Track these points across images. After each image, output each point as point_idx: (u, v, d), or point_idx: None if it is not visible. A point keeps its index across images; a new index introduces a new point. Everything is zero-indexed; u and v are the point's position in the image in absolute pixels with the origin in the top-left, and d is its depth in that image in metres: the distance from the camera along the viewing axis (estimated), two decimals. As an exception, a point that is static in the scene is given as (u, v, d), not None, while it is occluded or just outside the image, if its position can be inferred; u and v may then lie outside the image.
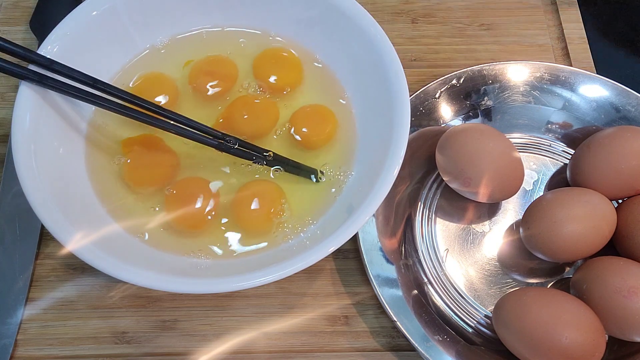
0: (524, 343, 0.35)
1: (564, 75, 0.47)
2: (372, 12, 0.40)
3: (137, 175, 0.38)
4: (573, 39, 0.52)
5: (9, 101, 0.48)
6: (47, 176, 0.34)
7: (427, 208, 0.44)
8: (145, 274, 0.32)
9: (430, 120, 0.46)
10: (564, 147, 0.46)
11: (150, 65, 0.42)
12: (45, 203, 0.33)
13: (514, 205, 0.44)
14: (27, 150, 0.34)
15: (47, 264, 0.41)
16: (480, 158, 0.40)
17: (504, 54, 0.52)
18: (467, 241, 0.43)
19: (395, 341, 0.40)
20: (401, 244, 0.42)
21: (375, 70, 0.39)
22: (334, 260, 0.42)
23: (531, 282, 0.42)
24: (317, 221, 0.38)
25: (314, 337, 0.40)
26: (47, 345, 0.39)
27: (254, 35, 0.44)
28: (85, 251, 0.32)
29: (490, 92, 0.47)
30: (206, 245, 0.37)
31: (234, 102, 0.41)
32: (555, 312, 0.35)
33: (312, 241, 0.35)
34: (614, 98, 0.46)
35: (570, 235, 0.38)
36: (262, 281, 0.32)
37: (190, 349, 0.39)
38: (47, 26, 0.38)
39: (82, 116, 0.39)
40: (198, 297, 0.41)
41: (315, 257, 0.32)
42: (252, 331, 0.40)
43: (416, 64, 0.51)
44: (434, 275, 0.42)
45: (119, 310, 0.40)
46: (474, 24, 0.53)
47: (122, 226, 0.37)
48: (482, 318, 0.40)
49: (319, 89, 0.43)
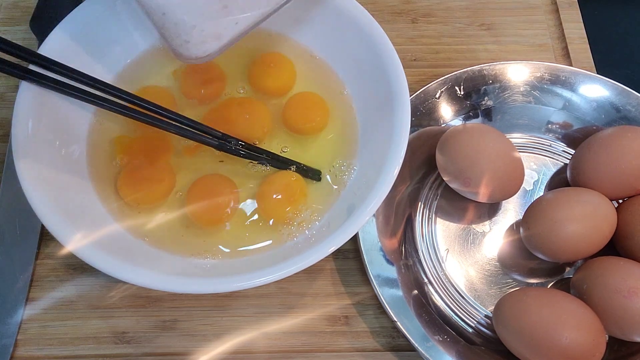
0: (524, 343, 0.35)
1: (564, 75, 0.47)
2: (372, 12, 0.40)
3: (131, 194, 0.38)
4: (573, 39, 0.52)
5: (9, 101, 0.48)
6: (47, 176, 0.34)
7: (427, 208, 0.44)
8: (145, 274, 0.32)
9: (430, 120, 0.46)
10: (564, 147, 0.46)
11: (150, 66, 0.42)
12: (45, 203, 0.33)
13: (514, 205, 0.44)
14: (27, 150, 0.34)
15: (47, 264, 0.41)
16: (480, 158, 0.40)
17: (504, 54, 0.52)
18: (467, 241, 0.43)
19: (395, 341, 0.40)
20: (401, 244, 0.42)
21: (375, 70, 0.39)
22: (334, 260, 0.42)
23: (531, 282, 0.42)
24: (322, 217, 0.38)
25: (314, 337, 0.40)
26: (47, 345, 0.39)
27: (253, 33, 0.44)
28: (85, 251, 0.32)
29: (490, 92, 0.47)
30: (211, 245, 0.37)
31: (219, 106, 0.41)
32: (555, 312, 0.35)
33: (317, 238, 0.35)
34: (614, 98, 0.46)
35: (570, 235, 0.38)
36: (262, 281, 0.32)
37: (190, 349, 0.39)
38: (47, 26, 0.38)
39: (83, 116, 0.39)
40: (198, 297, 0.41)
41: (315, 257, 0.32)
42: (252, 331, 0.40)
43: (416, 64, 0.51)
44: (434, 275, 0.42)
45: (119, 310, 0.40)
46: (474, 24, 0.53)
47: (123, 226, 0.37)
48: (482, 318, 0.40)
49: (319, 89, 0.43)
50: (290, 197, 0.38)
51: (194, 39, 0.32)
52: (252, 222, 0.38)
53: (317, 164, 0.40)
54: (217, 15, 0.32)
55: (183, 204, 0.38)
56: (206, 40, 0.32)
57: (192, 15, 0.31)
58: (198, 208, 0.38)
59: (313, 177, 0.39)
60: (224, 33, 0.33)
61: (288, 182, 0.38)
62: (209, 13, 0.32)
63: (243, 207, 0.39)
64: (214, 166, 0.40)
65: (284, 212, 0.38)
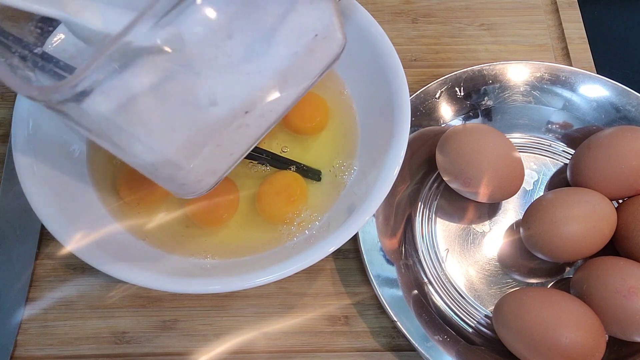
0: (524, 343, 0.35)
1: (564, 75, 0.47)
2: (372, 12, 0.40)
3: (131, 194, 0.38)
4: (573, 39, 0.52)
5: (9, 101, 0.48)
6: (47, 176, 0.34)
7: (427, 208, 0.44)
8: (145, 274, 0.32)
9: (430, 120, 0.46)
10: (564, 147, 0.46)
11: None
12: (45, 203, 0.33)
13: (514, 205, 0.44)
14: (27, 150, 0.34)
15: (47, 264, 0.41)
16: (480, 158, 0.40)
17: (504, 54, 0.52)
18: (467, 241, 0.43)
19: (395, 341, 0.40)
20: (401, 244, 0.42)
21: (375, 70, 0.39)
22: (334, 260, 0.42)
23: (531, 282, 0.42)
24: (322, 217, 0.38)
25: (314, 337, 0.40)
26: (47, 345, 0.39)
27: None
28: (85, 251, 0.32)
29: (490, 92, 0.47)
30: (211, 244, 0.37)
31: None
32: (555, 312, 0.35)
33: (317, 238, 0.35)
34: (614, 98, 0.46)
35: (570, 235, 0.38)
36: (262, 281, 0.32)
37: (190, 349, 0.39)
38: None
39: (82, 116, 0.39)
40: (198, 297, 0.41)
41: (316, 257, 0.32)
42: (252, 331, 0.40)
43: (416, 64, 0.51)
44: (434, 275, 0.42)
45: (119, 310, 0.40)
46: (474, 24, 0.53)
47: (123, 226, 0.37)
48: (482, 318, 0.40)
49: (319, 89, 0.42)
50: (290, 197, 0.38)
51: (190, 180, 0.31)
52: (252, 222, 0.38)
53: (317, 164, 0.40)
54: (212, 155, 0.30)
55: (183, 204, 0.38)
56: (202, 179, 0.31)
57: (186, 162, 0.30)
58: (198, 208, 0.38)
59: (313, 177, 0.39)
60: (219, 168, 0.32)
61: (288, 182, 0.38)
62: (204, 155, 0.30)
63: (243, 207, 0.39)
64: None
65: (284, 212, 0.38)
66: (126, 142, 0.27)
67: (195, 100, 0.28)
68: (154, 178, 0.30)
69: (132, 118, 0.27)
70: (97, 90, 0.24)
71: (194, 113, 0.29)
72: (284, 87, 0.31)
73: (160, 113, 0.27)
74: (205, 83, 0.28)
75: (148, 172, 0.30)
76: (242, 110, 0.29)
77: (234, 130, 0.30)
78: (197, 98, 0.28)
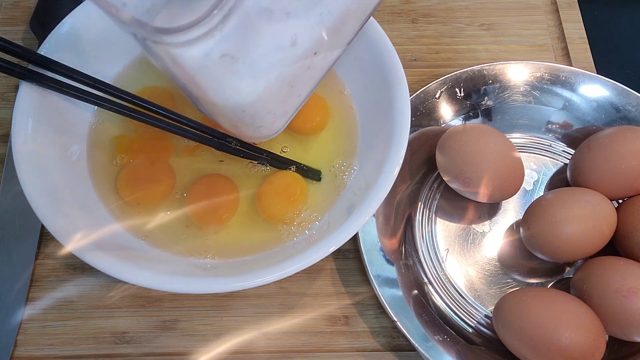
0: (524, 343, 0.35)
1: (564, 75, 0.47)
2: (372, 12, 0.40)
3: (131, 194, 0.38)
4: (573, 39, 0.52)
5: (9, 101, 0.48)
6: (47, 176, 0.34)
7: (427, 208, 0.44)
8: (145, 274, 0.32)
9: (430, 120, 0.46)
10: (564, 147, 0.46)
11: (150, 66, 0.42)
12: (45, 203, 0.33)
13: (514, 205, 0.44)
14: (27, 150, 0.34)
15: (47, 264, 0.41)
16: (480, 158, 0.40)
17: (504, 54, 0.52)
18: (467, 241, 0.43)
19: (395, 341, 0.40)
20: (401, 244, 0.42)
21: (375, 70, 0.39)
22: (334, 260, 0.42)
23: (531, 282, 0.42)
24: (322, 217, 0.38)
25: (314, 337, 0.40)
26: (47, 345, 0.39)
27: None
28: (85, 251, 0.32)
29: (490, 92, 0.47)
30: (211, 244, 0.37)
31: None
32: (555, 312, 0.35)
33: (317, 238, 0.35)
34: (614, 98, 0.46)
35: (570, 235, 0.38)
36: (262, 281, 0.32)
37: (190, 349, 0.39)
38: (47, 26, 0.38)
39: (83, 116, 0.39)
40: (198, 297, 0.41)
41: (315, 257, 0.32)
42: (252, 331, 0.40)
43: (416, 64, 0.51)
44: (434, 275, 0.42)
45: (119, 310, 0.40)
46: (474, 24, 0.53)
47: (123, 226, 0.37)
48: (482, 318, 0.40)
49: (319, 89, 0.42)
50: (290, 197, 0.38)
51: (267, 122, 0.33)
52: (252, 222, 0.38)
53: (317, 163, 0.40)
54: (286, 95, 0.33)
55: (183, 204, 0.38)
56: (276, 120, 0.34)
57: (272, 103, 0.32)
58: (198, 208, 0.38)
59: (313, 177, 0.39)
60: (290, 109, 0.34)
61: (288, 182, 0.38)
62: (282, 96, 0.32)
63: (243, 207, 0.39)
64: (214, 166, 0.40)
65: (284, 212, 0.38)
66: (222, 84, 0.29)
67: (283, 40, 0.30)
68: (234, 121, 0.33)
69: (237, 59, 0.29)
70: (210, 34, 0.26)
71: (281, 54, 0.30)
72: (343, 28, 0.33)
73: (260, 52, 0.29)
74: (292, 23, 0.30)
75: (232, 115, 0.32)
76: (312, 51, 0.31)
77: (304, 71, 0.32)
78: (284, 38, 0.30)
